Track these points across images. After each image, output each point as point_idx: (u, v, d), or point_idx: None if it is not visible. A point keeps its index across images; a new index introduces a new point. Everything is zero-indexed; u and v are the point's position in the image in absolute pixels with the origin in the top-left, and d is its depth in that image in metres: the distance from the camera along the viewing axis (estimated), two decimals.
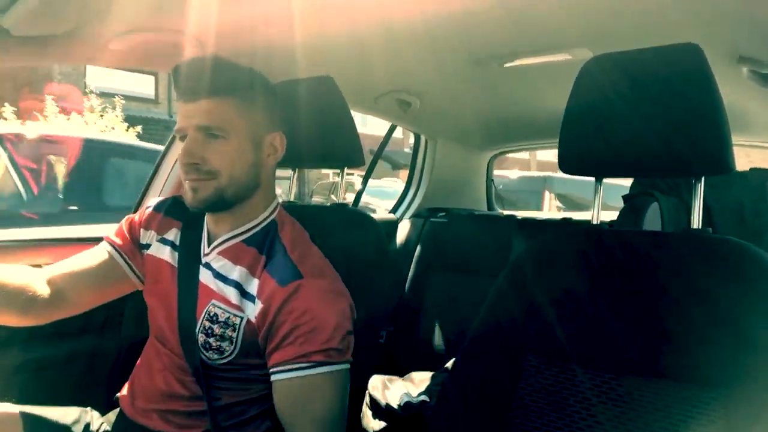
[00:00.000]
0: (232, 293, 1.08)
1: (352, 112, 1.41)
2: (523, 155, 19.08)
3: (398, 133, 2.97)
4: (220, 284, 1.10)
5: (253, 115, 1.09)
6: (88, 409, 1.25)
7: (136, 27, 1.26)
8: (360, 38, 1.43)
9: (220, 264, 1.12)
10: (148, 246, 1.24)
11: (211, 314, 1.08)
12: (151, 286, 1.23)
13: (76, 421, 1.19)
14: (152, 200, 1.31)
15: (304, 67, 1.51)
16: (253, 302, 1.06)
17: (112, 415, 1.24)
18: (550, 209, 7.27)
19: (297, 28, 1.36)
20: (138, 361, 1.25)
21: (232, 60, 1.11)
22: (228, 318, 1.07)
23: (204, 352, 1.08)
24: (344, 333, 1.03)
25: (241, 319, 1.06)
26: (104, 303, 1.25)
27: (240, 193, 1.10)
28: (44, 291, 1.12)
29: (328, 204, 1.43)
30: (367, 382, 1.39)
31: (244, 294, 1.07)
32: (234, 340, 1.06)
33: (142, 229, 1.25)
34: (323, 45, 1.46)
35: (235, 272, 1.09)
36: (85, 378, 1.52)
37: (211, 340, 1.07)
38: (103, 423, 1.22)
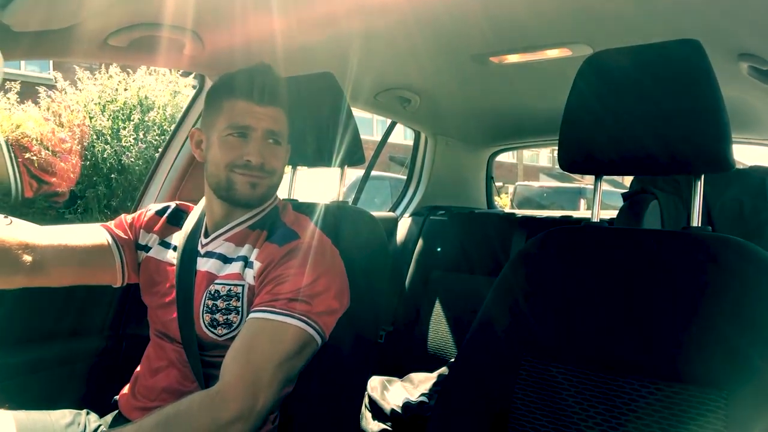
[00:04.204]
0: (237, 267, 1.13)
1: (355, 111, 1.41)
2: (511, 160, 19.22)
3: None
4: (224, 265, 1.15)
5: (289, 129, 1.20)
6: (85, 411, 1.25)
7: (135, 23, 1.26)
8: (360, 35, 1.43)
9: (226, 248, 1.17)
10: (147, 248, 1.26)
11: (212, 292, 1.12)
12: (150, 287, 1.24)
13: (71, 424, 1.19)
14: (153, 205, 1.33)
15: (304, 64, 1.51)
16: (252, 267, 1.11)
17: (110, 417, 1.23)
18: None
19: (297, 25, 1.36)
20: (140, 363, 1.25)
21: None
22: (230, 290, 1.11)
23: (212, 330, 1.11)
24: (321, 297, 1.05)
25: (243, 287, 1.11)
26: (83, 284, 1.22)
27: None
28: (27, 258, 1.10)
29: (329, 202, 1.42)
30: (365, 383, 1.38)
31: (246, 264, 1.13)
32: (240, 309, 1.10)
33: (142, 230, 1.27)
34: (324, 42, 1.46)
35: (241, 250, 1.15)
36: (83, 380, 1.51)
37: (217, 315, 1.10)
38: (101, 425, 1.22)
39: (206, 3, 1.20)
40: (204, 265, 1.17)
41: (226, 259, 1.16)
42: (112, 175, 7.91)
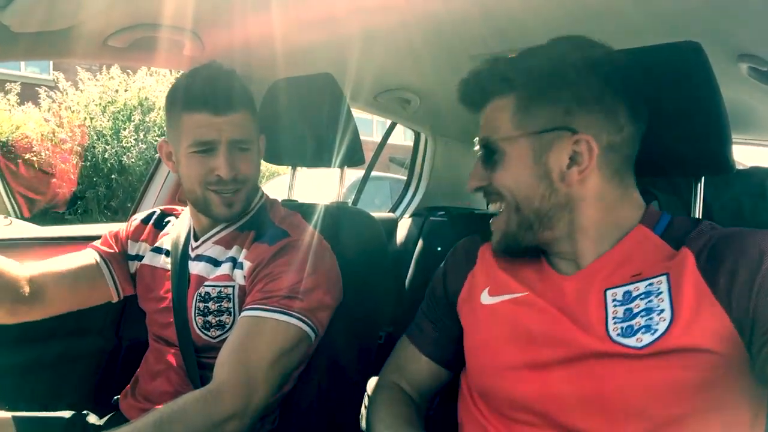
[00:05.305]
0: (225, 268, 1.12)
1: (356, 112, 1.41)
2: None
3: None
4: (214, 267, 1.15)
5: (257, 124, 1.16)
6: (84, 412, 1.25)
7: (135, 23, 1.26)
8: (360, 36, 1.43)
9: (216, 251, 1.17)
10: (139, 257, 1.27)
11: (203, 294, 1.12)
12: (146, 293, 1.25)
13: (71, 425, 1.19)
14: (137, 215, 1.34)
15: (304, 65, 1.51)
16: (242, 268, 1.10)
17: (111, 418, 1.23)
18: None
19: (297, 26, 1.35)
20: (140, 365, 1.25)
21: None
22: (220, 291, 1.11)
23: (206, 332, 1.11)
24: (313, 293, 1.05)
25: (233, 288, 1.10)
26: (77, 309, 1.23)
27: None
28: (26, 288, 1.11)
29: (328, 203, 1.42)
30: (365, 384, 1.38)
31: (235, 265, 1.12)
32: (231, 310, 1.10)
33: (130, 241, 1.28)
34: (323, 43, 1.46)
35: (230, 252, 1.15)
36: (82, 381, 1.51)
37: (210, 317, 1.11)
38: (100, 426, 1.22)
39: (206, 3, 1.20)
40: (194, 268, 1.17)
41: (215, 262, 1.15)
42: (113, 176, 7.92)
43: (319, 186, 2.17)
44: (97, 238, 1.33)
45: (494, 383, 0.86)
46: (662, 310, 0.75)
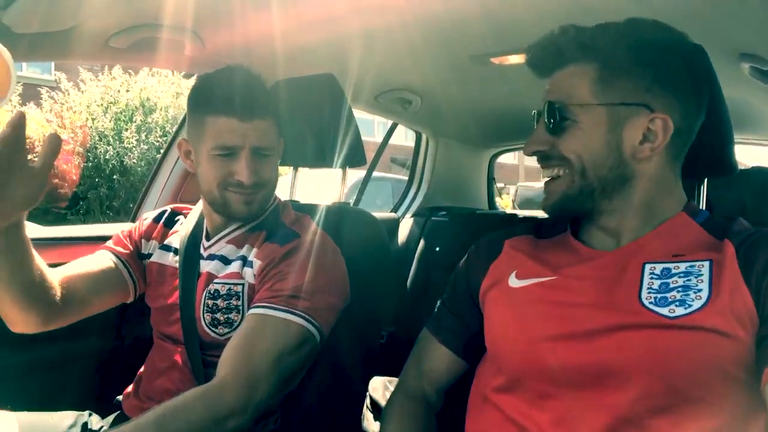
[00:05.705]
0: (236, 266, 1.13)
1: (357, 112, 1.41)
2: (512, 161, 19.06)
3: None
4: (225, 265, 1.15)
5: (279, 130, 1.17)
6: (87, 412, 1.25)
7: (136, 24, 1.26)
8: (360, 36, 1.43)
9: (227, 250, 1.17)
10: (149, 255, 1.27)
11: (212, 292, 1.12)
12: (153, 290, 1.25)
13: (73, 425, 1.19)
14: (147, 213, 1.34)
15: (304, 65, 1.51)
16: (252, 266, 1.11)
17: (113, 418, 1.24)
18: None
19: (297, 26, 1.36)
20: (143, 364, 1.26)
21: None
22: (229, 289, 1.11)
23: (214, 329, 1.11)
24: (321, 294, 1.06)
25: (243, 285, 1.11)
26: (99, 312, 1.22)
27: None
28: (59, 295, 1.09)
29: (330, 203, 1.42)
30: (367, 384, 1.38)
31: (245, 263, 1.13)
32: (240, 308, 1.11)
33: (143, 240, 1.28)
34: (324, 43, 1.46)
35: (241, 251, 1.15)
36: (85, 381, 1.51)
37: (218, 315, 1.11)
38: (103, 426, 1.22)
39: (206, 3, 1.20)
40: (206, 267, 1.18)
41: (226, 261, 1.16)
42: (114, 177, 7.95)
43: (320, 187, 2.18)
44: (100, 238, 1.33)
45: (524, 353, 0.86)
46: (700, 290, 0.76)
